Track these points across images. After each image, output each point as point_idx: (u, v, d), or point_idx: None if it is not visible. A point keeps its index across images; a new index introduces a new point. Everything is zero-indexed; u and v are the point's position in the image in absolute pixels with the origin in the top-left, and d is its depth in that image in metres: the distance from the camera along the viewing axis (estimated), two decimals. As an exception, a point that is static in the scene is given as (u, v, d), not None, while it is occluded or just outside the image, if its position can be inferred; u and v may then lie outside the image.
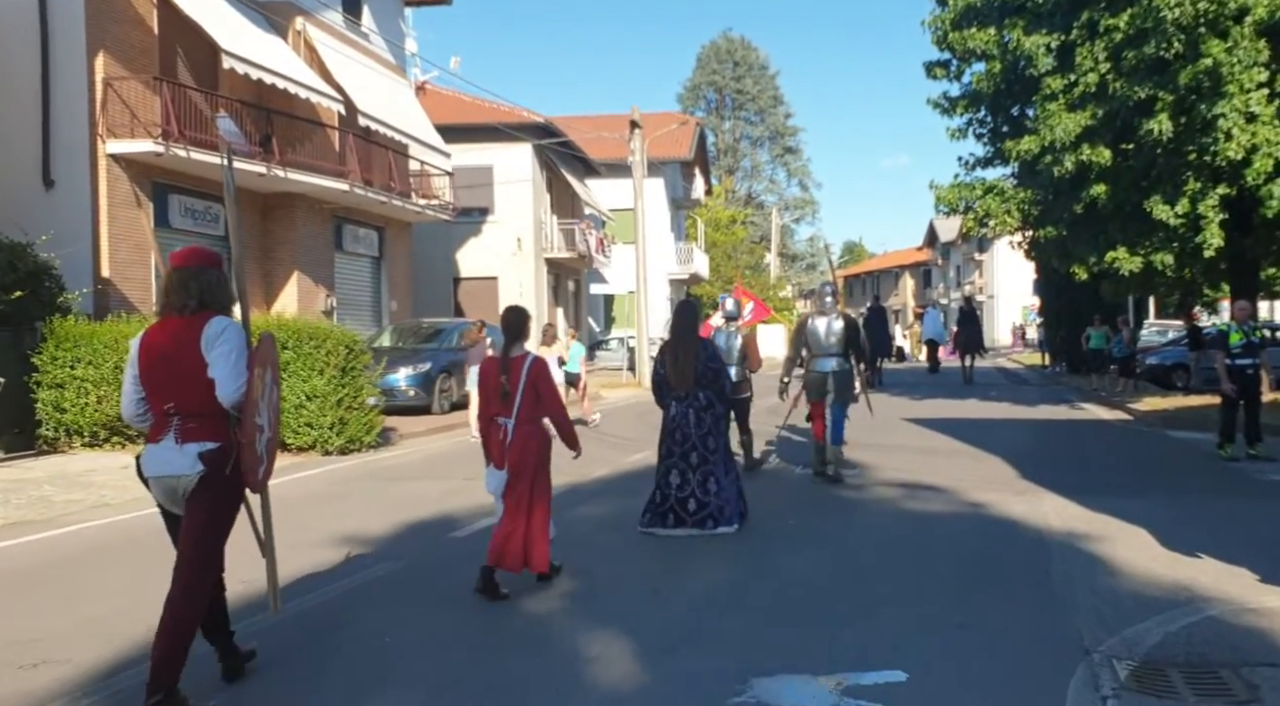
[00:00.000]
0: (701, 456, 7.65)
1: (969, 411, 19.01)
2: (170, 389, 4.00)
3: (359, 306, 22.26)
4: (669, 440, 7.77)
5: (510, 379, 5.81)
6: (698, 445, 7.67)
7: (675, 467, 7.68)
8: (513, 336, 5.99)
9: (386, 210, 22.58)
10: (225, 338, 3.98)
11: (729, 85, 71.40)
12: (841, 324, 10.09)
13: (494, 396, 5.90)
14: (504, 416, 5.85)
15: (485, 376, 6.02)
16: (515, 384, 5.80)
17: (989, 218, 18.12)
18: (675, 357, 7.76)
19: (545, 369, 5.94)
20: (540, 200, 32.75)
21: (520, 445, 5.84)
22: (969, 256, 69.13)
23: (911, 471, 10.92)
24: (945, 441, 13.85)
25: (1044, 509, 8.73)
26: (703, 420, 7.69)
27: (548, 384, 5.94)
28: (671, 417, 7.79)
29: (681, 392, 7.73)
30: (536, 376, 5.85)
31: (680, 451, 7.69)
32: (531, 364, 5.84)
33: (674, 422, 7.75)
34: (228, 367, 3.94)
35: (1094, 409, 19.38)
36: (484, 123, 31.67)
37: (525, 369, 5.82)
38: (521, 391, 5.79)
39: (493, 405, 5.92)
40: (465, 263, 32.13)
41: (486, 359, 6.19)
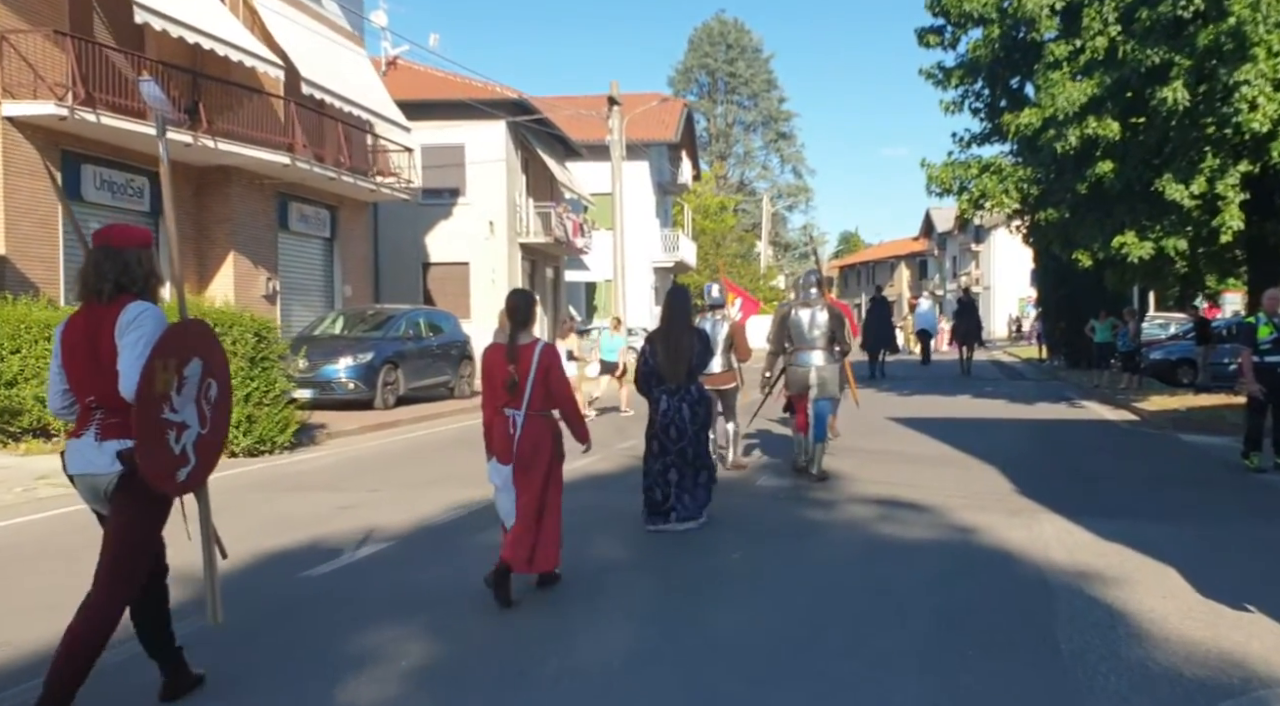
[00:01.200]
0: (696, 452, 7.43)
1: (961, 409, 17.52)
2: (91, 381, 3.72)
3: (307, 291, 20.69)
4: (663, 436, 7.41)
5: (519, 368, 5.48)
6: (693, 441, 7.41)
7: (674, 466, 7.37)
8: (519, 322, 5.60)
9: (339, 188, 21.01)
10: (137, 324, 3.64)
11: (721, 68, 69.75)
12: (826, 315, 9.51)
13: (500, 387, 5.55)
14: (512, 408, 5.52)
15: (491, 365, 5.64)
16: (525, 373, 5.47)
17: (985, 199, 16.58)
18: (668, 348, 7.40)
19: (557, 357, 5.64)
20: (515, 182, 31.15)
21: (532, 438, 5.52)
22: (965, 247, 67.84)
23: (891, 484, 9.43)
24: (933, 446, 12.35)
25: (1045, 535, 7.24)
26: (697, 414, 7.43)
27: (559, 373, 5.61)
28: (663, 412, 7.41)
29: (673, 386, 7.39)
30: (548, 365, 5.53)
31: (677, 448, 7.38)
32: (542, 351, 5.53)
33: (666, 417, 7.40)
34: (132, 358, 3.59)
35: (1096, 407, 17.88)
36: (455, 99, 30.10)
37: (536, 357, 5.50)
38: (532, 381, 5.47)
39: (499, 396, 5.58)
40: (435, 247, 30.56)
41: (492, 347, 5.78)
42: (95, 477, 3.72)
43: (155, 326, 3.67)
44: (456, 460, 11.60)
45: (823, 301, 9.65)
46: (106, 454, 3.68)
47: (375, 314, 18.09)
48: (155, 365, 3.60)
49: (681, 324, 7.54)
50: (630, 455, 10.99)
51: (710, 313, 10.09)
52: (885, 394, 20.62)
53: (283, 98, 19.15)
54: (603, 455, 11.11)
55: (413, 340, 17.54)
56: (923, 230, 77.85)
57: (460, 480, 9.62)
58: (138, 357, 3.59)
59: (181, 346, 3.76)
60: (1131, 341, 20.34)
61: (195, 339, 3.88)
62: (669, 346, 7.44)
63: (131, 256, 3.78)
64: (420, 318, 18.25)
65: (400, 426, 15.21)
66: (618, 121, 28.99)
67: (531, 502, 5.48)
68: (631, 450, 11.23)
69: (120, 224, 4.14)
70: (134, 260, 3.78)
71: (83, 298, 3.82)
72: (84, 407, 3.78)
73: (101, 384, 3.69)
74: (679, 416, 7.39)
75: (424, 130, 29.85)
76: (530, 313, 5.64)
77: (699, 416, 7.45)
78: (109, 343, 3.66)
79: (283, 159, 17.99)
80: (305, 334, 17.44)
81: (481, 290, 30.28)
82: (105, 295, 3.73)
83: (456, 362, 18.90)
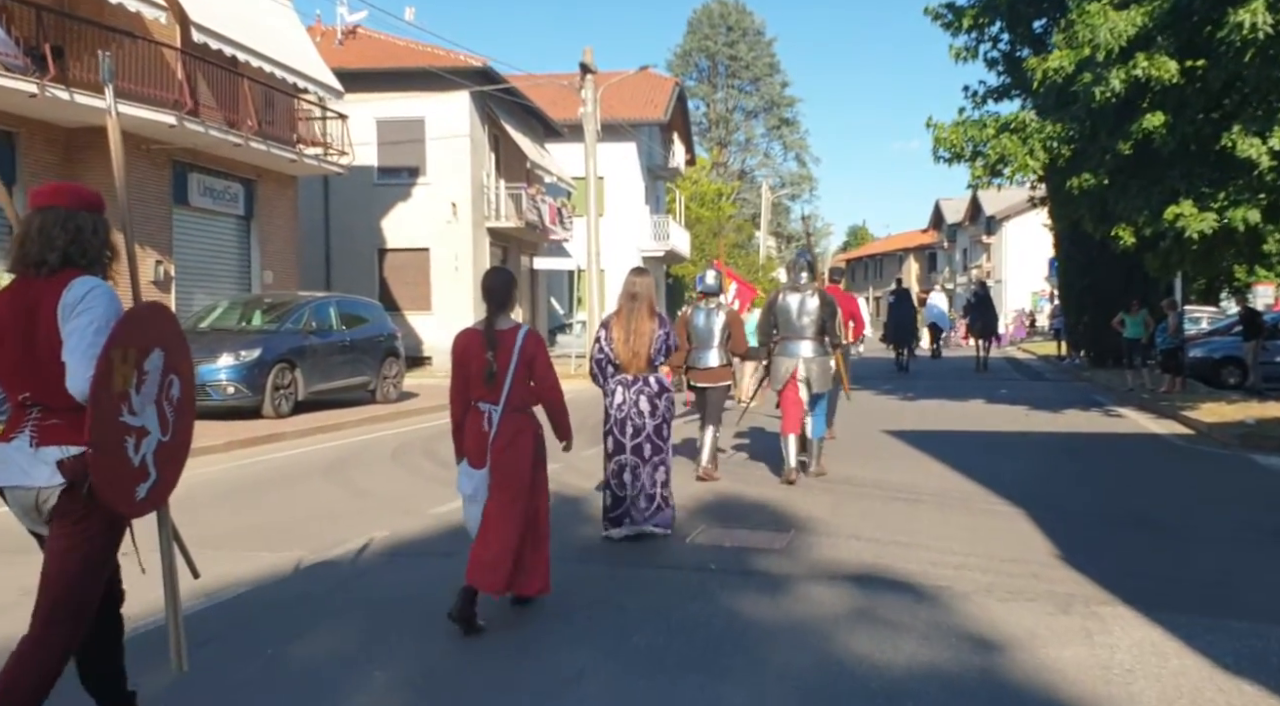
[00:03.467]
0: (655, 448, 6.67)
1: (974, 418, 14.61)
2: (24, 374, 3.11)
3: (214, 277, 17.84)
4: (618, 432, 6.67)
5: (499, 356, 4.82)
6: (651, 436, 6.65)
7: (627, 466, 6.62)
8: (496, 304, 4.97)
9: (254, 157, 18.15)
10: (87, 306, 3.04)
11: (721, 51, 66.69)
12: (817, 302, 8.75)
13: (476, 377, 4.86)
14: (488, 402, 4.85)
15: (464, 352, 4.92)
16: (505, 363, 4.83)
17: (1004, 164, 13.63)
18: (626, 333, 6.62)
19: (541, 344, 4.98)
20: (481, 160, 28.28)
21: (510, 437, 4.84)
22: (976, 238, 64.90)
23: (878, 542, 6.57)
24: (939, 473, 9.47)
25: (1121, 658, 4.37)
26: (655, 407, 6.67)
27: (544, 361, 5.00)
28: (618, 406, 6.67)
29: (630, 376, 6.66)
30: (531, 353, 4.91)
31: (632, 446, 6.63)
32: (526, 338, 4.90)
33: (621, 412, 6.66)
34: (82, 348, 2.98)
35: (1136, 417, 14.93)
36: (412, 68, 27.27)
37: (518, 344, 4.86)
38: (513, 372, 4.84)
39: (473, 388, 4.90)
40: (392, 231, 27.75)
41: (466, 332, 5.03)
42: (30, 491, 3.10)
43: (108, 308, 3.08)
44: (316, 496, 8.78)
45: (814, 286, 8.91)
46: (45, 463, 3.06)
47: (275, 302, 15.20)
48: (112, 356, 2.98)
49: (640, 305, 6.64)
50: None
51: (704, 300, 9.10)
52: (886, 397, 17.72)
53: (179, 49, 16.29)
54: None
55: (318, 334, 14.68)
56: (932, 222, 74.95)
57: (282, 533, 6.85)
58: (89, 347, 2.99)
59: (141, 334, 3.16)
60: (1172, 337, 17.38)
61: (156, 325, 3.28)
62: (628, 331, 6.61)
63: (86, 222, 3.20)
64: (331, 307, 15.38)
65: (284, 441, 12.36)
66: (591, 92, 26.08)
67: (508, 509, 4.80)
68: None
69: (67, 182, 3.48)
70: (89, 227, 3.20)
71: (15, 269, 3.18)
72: (15, 406, 3.17)
73: (38, 378, 3.09)
74: (635, 411, 6.62)
75: (380, 103, 27.15)
76: (509, 294, 5.03)
77: (658, 410, 6.66)
78: (49, 327, 3.05)
79: (167, 118, 15.13)
80: (187, 327, 14.55)
81: (443, 278, 27.49)
82: (49, 268, 3.13)
83: (380, 360, 16.05)
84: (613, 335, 6.67)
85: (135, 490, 3.16)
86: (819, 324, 8.70)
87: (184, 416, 3.37)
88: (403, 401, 16.49)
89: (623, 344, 6.63)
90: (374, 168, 27.68)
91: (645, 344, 6.59)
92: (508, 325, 4.94)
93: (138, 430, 3.14)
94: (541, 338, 5.12)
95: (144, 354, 3.14)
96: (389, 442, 12.14)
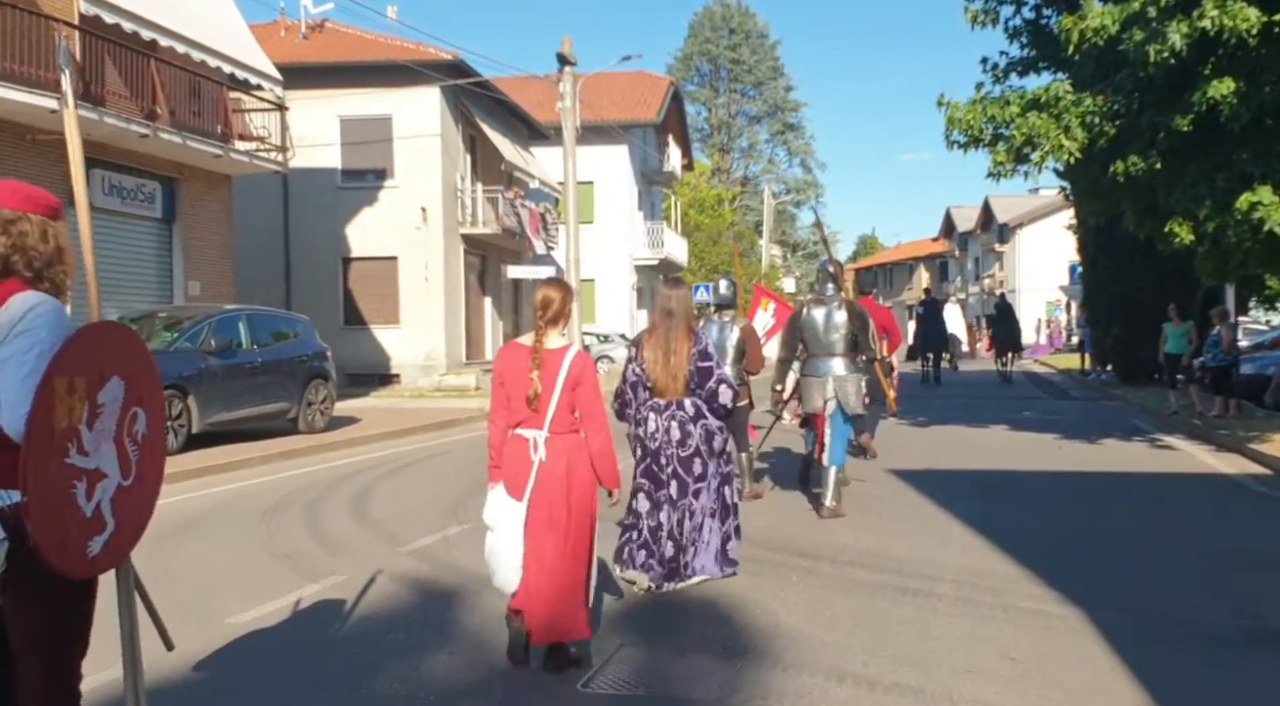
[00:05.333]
0: (683, 486, 5.77)
1: (996, 450, 12.32)
2: None
3: (125, 289, 15.54)
4: (650, 461, 5.79)
5: (544, 377, 4.39)
6: (679, 471, 5.76)
7: (652, 499, 5.76)
8: (550, 319, 4.50)
9: (174, 152, 15.97)
10: (28, 325, 2.60)
11: (723, 54, 64.47)
12: (845, 315, 8.11)
13: (520, 399, 4.42)
14: (531, 427, 4.42)
15: (507, 370, 4.49)
16: (551, 385, 4.39)
17: (1031, 147, 11.32)
18: (665, 353, 5.76)
19: (591, 368, 4.53)
20: (455, 161, 26.10)
21: (561, 466, 4.39)
22: (989, 247, 62.68)
23: (868, 680, 4.29)
24: (958, 538, 7.17)
25: None
26: (688, 436, 5.76)
27: (590, 389, 4.49)
28: (650, 434, 5.79)
29: (663, 401, 5.78)
30: (579, 376, 4.45)
31: (659, 479, 5.76)
32: (574, 360, 4.45)
33: (654, 440, 5.78)
34: (19, 376, 2.55)
35: (1191, 449, 12.57)
36: (376, 61, 25.14)
37: (565, 365, 4.42)
38: (558, 395, 4.40)
39: (514, 411, 4.45)
40: (357, 239, 25.57)
41: (510, 346, 4.64)
42: None
43: (53, 330, 2.65)
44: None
45: (841, 298, 8.26)
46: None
47: (173, 318, 12.92)
48: (55, 386, 2.56)
49: (678, 321, 5.84)
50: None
51: (717, 314, 8.63)
52: (895, 423, 15.36)
53: (79, 28, 14.12)
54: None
55: (222, 354, 12.42)
56: (943, 230, 72.82)
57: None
58: (29, 374, 2.57)
59: (93, 360, 2.69)
60: (1225, 353, 15.02)
61: (114, 349, 2.79)
62: (665, 351, 5.79)
63: (34, 228, 2.73)
64: (241, 322, 13.10)
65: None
66: (570, 85, 23.89)
67: (553, 548, 4.32)
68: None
69: (18, 182, 2.85)
70: (37, 234, 2.73)
71: None
72: None
73: None
74: (666, 440, 5.76)
75: (344, 100, 25.03)
76: (564, 308, 4.52)
77: (690, 439, 5.77)
78: None
79: (48, 103, 12.94)
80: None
81: (412, 290, 25.29)
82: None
83: (303, 384, 13.80)
84: (644, 356, 5.86)
85: (87, 545, 2.69)
86: (849, 339, 8.00)
87: (151, 456, 2.94)
88: (333, 431, 14.24)
89: (660, 368, 5.81)
90: (337, 170, 25.56)
91: (684, 366, 5.81)
92: (558, 344, 4.52)
93: (90, 473, 2.69)
94: (590, 360, 4.63)
95: (97, 383, 2.68)
96: (282, 489, 9.87)
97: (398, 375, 25.43)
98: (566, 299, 4.56)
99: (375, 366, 25.35)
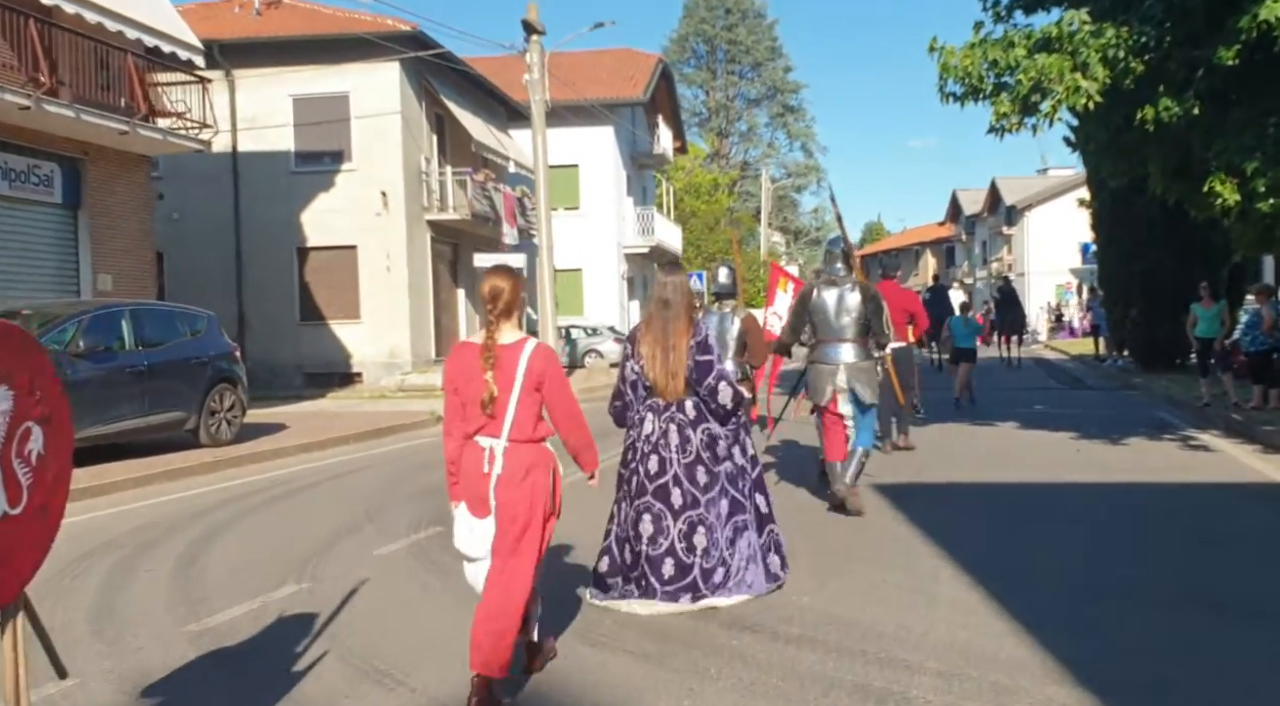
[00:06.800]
0: (686, 495, 5.09)
1: (1003, 454, 10.50)
2: None
3: (15, 282, 13.76)
4: (642, 470, 5.13)
5: (500, 377, 3.93)
6: (682, 478, 5.10)
7: (648, 511, 5.09)
8: (500, 311, 4.01)
9: (74, 130, 14.18)
10: None
11: (720, 35, 62.41)
12: (859, 297, 7.42)
13: (474, 404, 3.96)
14: (488, 435, 3.97)
15: (459, 373, 4.02)
16: (508, 386, 3.94)
17: (1041, 94, 9.44)
18: (662, 348, 5.15)
19: (553, 362, 4.06)
20: (418, 142, 24.27)
21: (515, 479, 3.93)
22: (996, 230, 60.71)
23: None
24: (947, 591, 5.35)
25: None
26: (687, 442, 5.12)
27: (557, 384, 4.06)
28: (645, 437, 5.16)
29: (662, 402, 5.17)
30: (540, 374, 3.99)
31: (654, 487, 5.09)
32: (533, 354, 3.98)
33: (649, 445, 5.14)
34: None
35: (1233, 450, 10.69)
36: (329, 34, 23.30)
37: (523, 363, 3.96)
38: (516, 397, 3.95)
39: (470, 417, 4.00)
40: (314, 227, 23.78)
41: (461, 346, 4.14)
42: None
43: None
44: None
45: (853, 279, 7.56)
46: None
47: (39, 315, 11.10)
48: None
49: (677, 313, 5.16)
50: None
51: (717, 304, 7.83)
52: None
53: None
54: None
55: (95, 357, 10.62)
56: (949, 214, 70.86)
57: None
58: None
59: None
60: (1267, 335, 13.11)
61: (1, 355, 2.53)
62: (665, 347, 5.15)
63: None
64: (123, 319, 11.26)
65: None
66: (538, 55, 21.99)
67: (520, 577, 3.92)
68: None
69: None
70: None
71: None
72: None
73: None
74: (663, 443, 5.11)
75: (297, 78, 23.22)
76: (515, 298, 4.02)
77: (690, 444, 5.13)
78: None
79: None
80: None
81: (374, 281, 23.52)
82: None
83: (204, 389, 11.99)
84: (641, 352, 5.26)
85: None
86: (862, 323, 7.42)
87: (49, 479, 2.68)
88: (244, 442, 12.44)
89: (658, 364, 5.20)
90: (291, 153, 23.79)
91: (684, 361, 5.21)
92: (512, 338, 4.00)
93: None
94: (553, 352, 4.13)
95: None
96: (117, 526, 8.06)
97: (359, 374, 23.67)
98: (517, 288, 4.04)
99: (335, 365, 23.59)
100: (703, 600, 5.08)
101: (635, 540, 5.13)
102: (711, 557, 5.11)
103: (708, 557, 5.10)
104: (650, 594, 5.07)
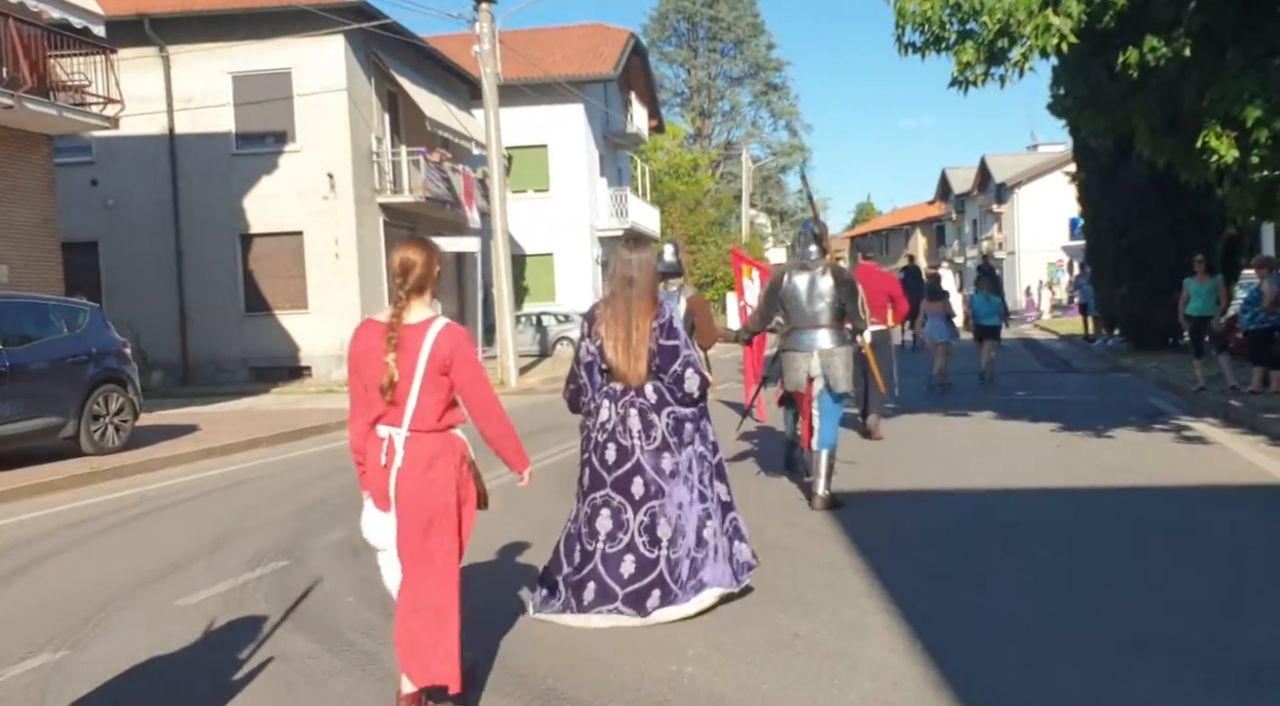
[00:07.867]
0: (650, 485, 4.68)
1: (975, 451, 9.30)
2: None
3: (-111, 275, 12.53)
4: (597, 461, 4.74)
5: (402, 360, 3.57)
6: (646, 466, 4.69)
7: (606, 505, 4.69)
8: (412, 287, 3.64)
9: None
10: None
11: (700, 12, 60.89)
12: (831, 281, 7.16)
13: (374, 388, 3.60)
14: (388, 424, 3.63)
15: (362, 356, 3.66)
16: (410, 370, 3.57)
17: (1009, 39, 8.18)
18: (625, 329, 4.72)
19: (463, 342, 3.66)
20: (367, 120, 22.94)
21: (417, 472, 3.60)
22: (986, 208, 59.62)
23: None
24: (872, 648, 4.08)
25: None
26: (651, 427, 4.73)
27: (468, 367, 3.67)
28: (601, 425, 4.75)
29: (619, 386, 4.76)
30: (447, 356, 3.61)
31: (613, 478, 4.68)
32: (439, 336, 3.60)
33: (605, 433, 4.73)
34: None
35: (1232, 441, 9.49)
36: (269, 6, 21.92)
37: (427, 343, 3.58)
38: (419, 382, 3.58)
39: (375, 404, 3.64)
40: (257, 212, 22.47)
41: (364, 325, 3.74)
42: None
43: None
44: None
45: (825, 262, 7.30)
46: None
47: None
48: None
49: (640, 292, 4.73)
50: None
51: (663, 283, 6.97)
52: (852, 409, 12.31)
53: None
54: None
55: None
56: (938, 193, 69.78)
57: None
58: None
59: None
60: (1268, 312, 11.90)
61: None
62: (627, 327, 4.72)
63: None
64: (-15, 313, 10.04)
65: None
66: (487, 26, 20.66)
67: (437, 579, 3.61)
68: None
69: None
70: None
71: None
72: None
73: None
74: (622, 431, 4.70)
75: (236, 54, 21.87)
76: (429, 273, 3.65)
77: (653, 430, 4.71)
78: None
79: None
80: None
81: (321, 268, 22.22)
82: None
83: (84, 391, 10.72)
84: (600, 332, 4.76)
85: None
86: (836, 307, 7.17)
87: None
88: (138, 448, 11.20)
89: (619, 346, 4.70)
90: (231, 134, 22.47)
91: (645, 345, 4.72)
92: (419, 318, 3.62)
93: None
94: (464, 333, 3.74)
95: None
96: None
97: (308, 367, 22.43)
98: (431, 261, 3.67)
99: (282, 358, 22.32)
100: (659, 611, 4.60)
101: (590, 538, 4.70)
102: (678, 547, 4.70)
103: (674, 547, 4.69)
104: (607, 599, 4.60)
